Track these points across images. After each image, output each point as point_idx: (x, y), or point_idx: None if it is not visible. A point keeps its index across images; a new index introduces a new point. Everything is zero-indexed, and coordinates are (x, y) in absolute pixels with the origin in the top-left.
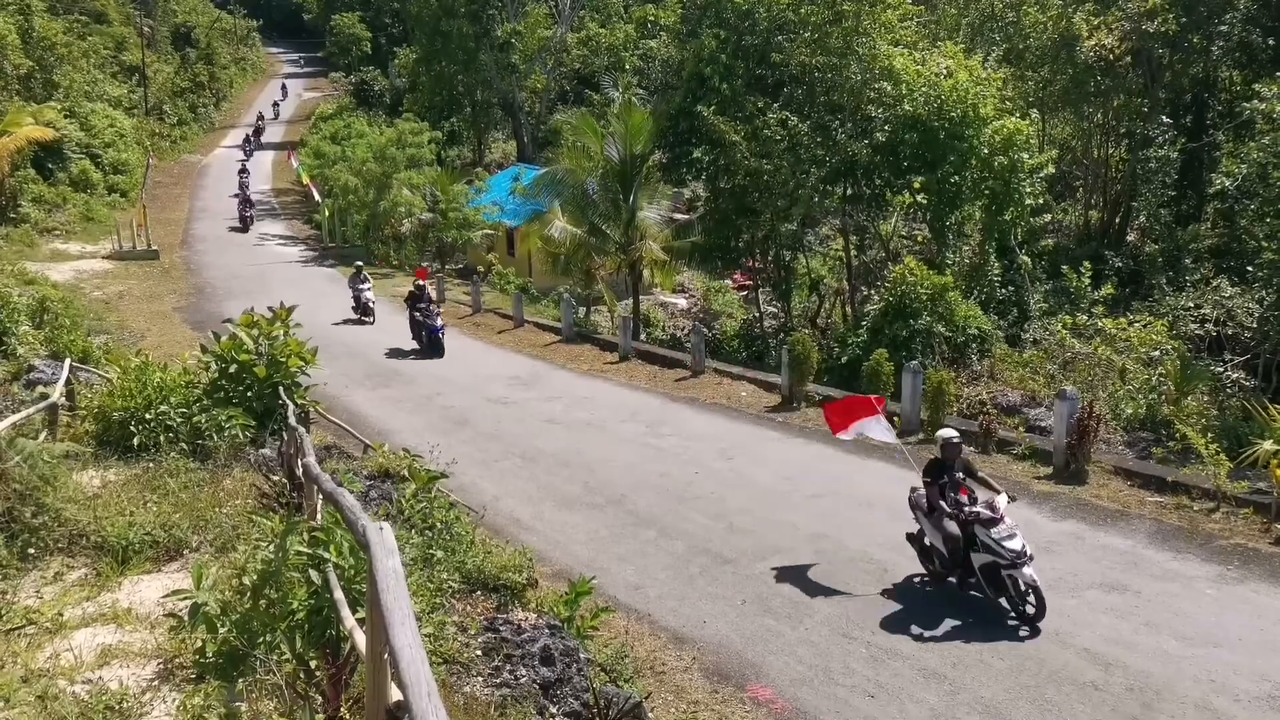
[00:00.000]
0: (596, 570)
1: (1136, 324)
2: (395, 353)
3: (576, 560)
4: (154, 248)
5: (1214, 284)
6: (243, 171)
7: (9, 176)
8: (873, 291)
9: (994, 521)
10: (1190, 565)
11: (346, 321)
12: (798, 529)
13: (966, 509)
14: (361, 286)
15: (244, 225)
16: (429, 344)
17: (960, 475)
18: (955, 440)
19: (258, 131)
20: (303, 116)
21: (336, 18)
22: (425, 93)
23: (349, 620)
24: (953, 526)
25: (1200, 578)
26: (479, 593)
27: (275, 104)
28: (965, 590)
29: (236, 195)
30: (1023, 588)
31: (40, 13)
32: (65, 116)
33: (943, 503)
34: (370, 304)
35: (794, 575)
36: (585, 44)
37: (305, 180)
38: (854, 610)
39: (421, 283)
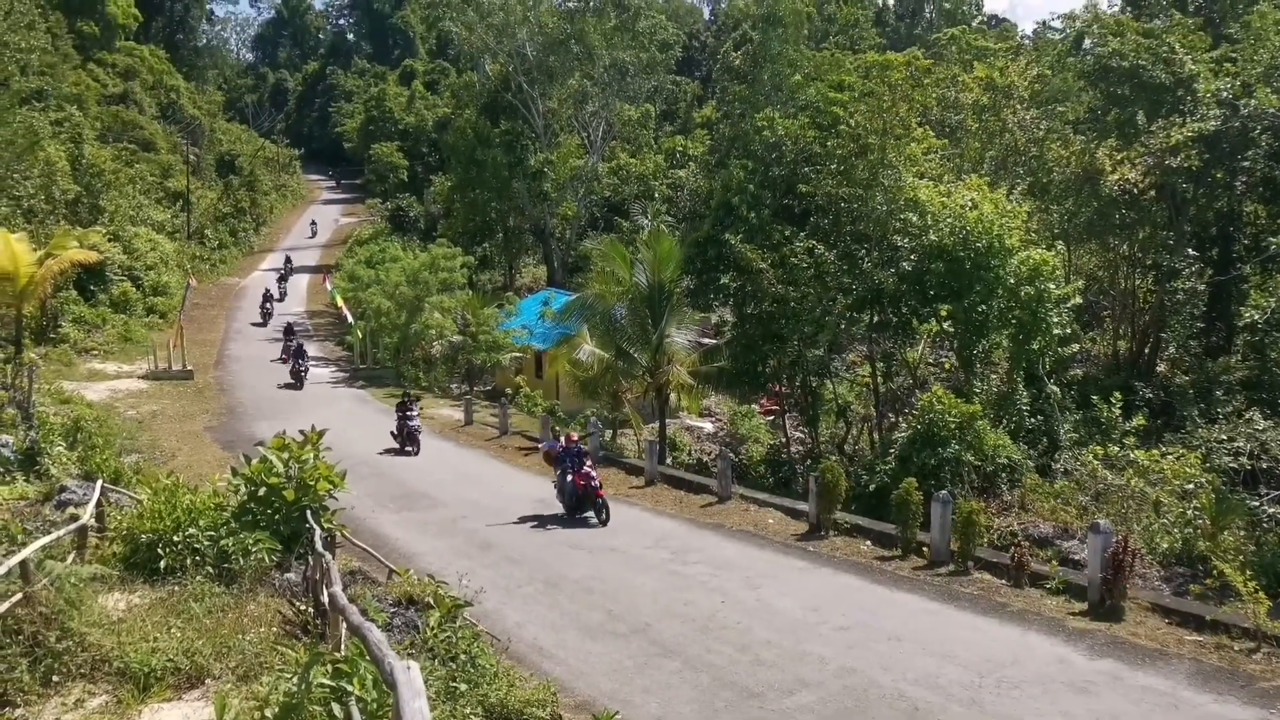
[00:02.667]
0: (620, 703)
1: (1169, 456)
2: None
3: (600, 692)
4: (189, 368)
5: (1246, 416)
6: (270, 299)
7: (51, 297)
8: (900, 419)
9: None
10: (1231, 708)
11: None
12: (826, 663)
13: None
14: None
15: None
16: None
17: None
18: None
19: (288, 272)
20: (339, 241)
21: (375, 147)
22: (459, 218)
23: None
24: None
25: None
26: None
27: (288, 260)
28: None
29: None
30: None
31: (91, 140)
32: (109, 240)
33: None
34: None
35: (822, 712)
36: (615, 173)
37: (339, 303)
38: None
39: None
